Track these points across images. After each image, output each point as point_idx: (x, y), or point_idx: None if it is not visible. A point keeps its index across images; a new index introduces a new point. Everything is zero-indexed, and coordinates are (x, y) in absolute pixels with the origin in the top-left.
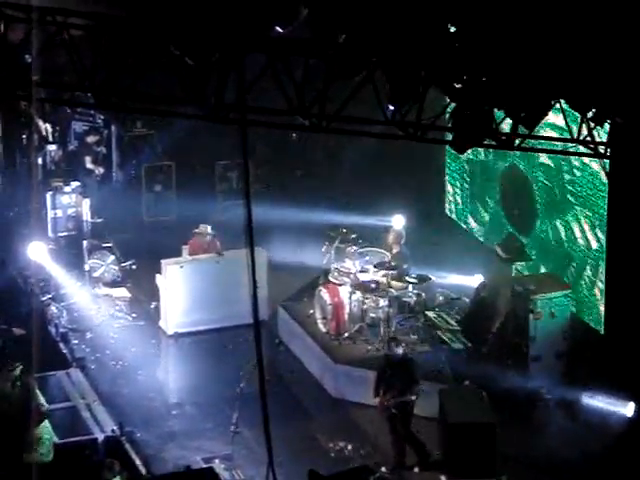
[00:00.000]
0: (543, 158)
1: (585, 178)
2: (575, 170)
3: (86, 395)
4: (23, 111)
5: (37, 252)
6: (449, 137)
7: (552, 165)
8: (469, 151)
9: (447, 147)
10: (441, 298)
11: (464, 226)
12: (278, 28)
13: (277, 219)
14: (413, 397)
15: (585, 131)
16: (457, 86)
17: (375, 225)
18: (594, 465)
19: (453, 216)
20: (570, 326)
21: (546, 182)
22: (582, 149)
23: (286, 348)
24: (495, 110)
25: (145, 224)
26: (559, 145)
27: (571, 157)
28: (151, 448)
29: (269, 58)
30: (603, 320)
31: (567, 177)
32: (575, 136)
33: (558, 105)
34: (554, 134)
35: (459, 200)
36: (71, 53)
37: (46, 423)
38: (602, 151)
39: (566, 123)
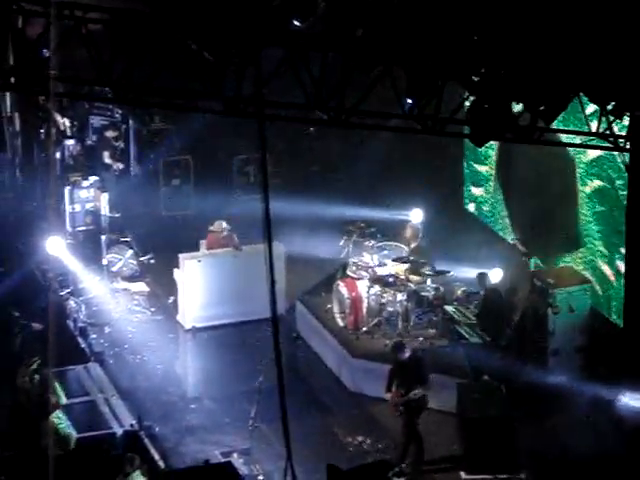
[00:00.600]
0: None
1: None
2: None
3: (105, 389)
4: (41, 106)
5: (55, 247)
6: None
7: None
8: None
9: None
10: (459, 292)
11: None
12: (296, 22)
13: (294, 213)
14: (415, 396)
15: (604, 124)
16: (475, 79)
17: (393, 219)
18: (614, 460)
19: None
20: (589, 320)
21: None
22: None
23: (304, 342)
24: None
25: (163, 218)
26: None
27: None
28: (169, 442)
29: (287, 52)
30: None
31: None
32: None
33: None
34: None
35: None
36: (89, 48)
37: (58, 413)
38: (622, 144)
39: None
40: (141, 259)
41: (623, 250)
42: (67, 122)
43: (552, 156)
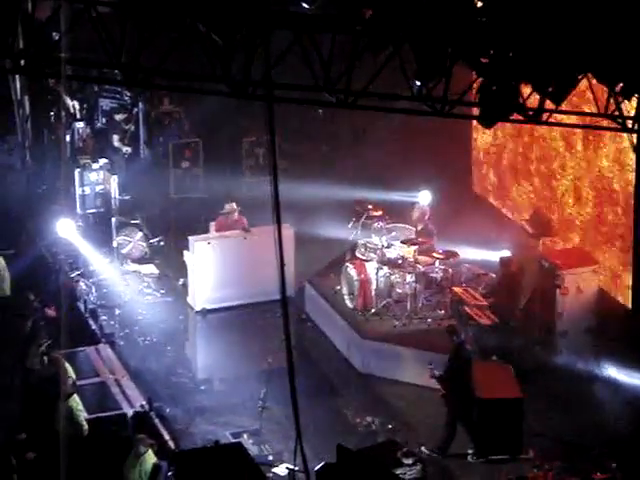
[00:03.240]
0: None
1: None
2: None
3: (115, 371)
4: (51, 89)
5: (66, 229)
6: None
7: None
8: None
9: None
10: (468, 274)
11: None
12: (304, 4)
13: (304, 195)
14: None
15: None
16: (484, 61)
17: (402, 201)
18: (621, 440)
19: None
20: (597, 301)
21: None
22: None
23: (313, 324)
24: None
25: (172, 201)
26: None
27: None
28: (180, 423)
29: (295, 34)
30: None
31: None
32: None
33: None
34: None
35: None
36: (99, 30)
37: (75, 397)
38: (630, 125)
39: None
40: (151, 241)
41: None
42: (77, 105)
43: None
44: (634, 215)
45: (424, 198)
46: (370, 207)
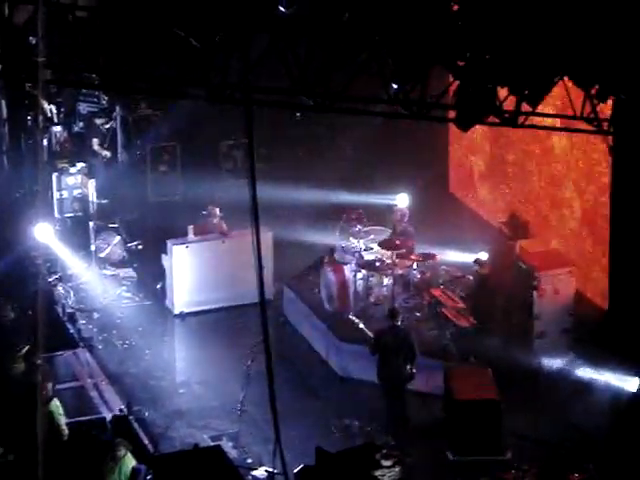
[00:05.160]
0: None
1: None
2: None
3: (94, 375)
4: (28, 93)
5: (43, 233)
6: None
7: None
8: None
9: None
10: (446, 276)
11: None
12: (282, 8)
13: (282, 198)
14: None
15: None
16: (461, 64)
17: (380, 203)
18: (599, 440)
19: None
20: (574, 302)
21: None
22: None
23: (291, 327)
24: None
25: (150, 204)
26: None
27: None
28: (159, 427)
29: (273, 38)
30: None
31: None
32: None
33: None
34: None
35: None
36: (76, 35)
37: (56, 401)
38: (606, 128)
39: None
40: (129, 245)
41: None
42: (54, 109)
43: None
44: (610, 216)
45: (402, 201)
46: (349, 210)
